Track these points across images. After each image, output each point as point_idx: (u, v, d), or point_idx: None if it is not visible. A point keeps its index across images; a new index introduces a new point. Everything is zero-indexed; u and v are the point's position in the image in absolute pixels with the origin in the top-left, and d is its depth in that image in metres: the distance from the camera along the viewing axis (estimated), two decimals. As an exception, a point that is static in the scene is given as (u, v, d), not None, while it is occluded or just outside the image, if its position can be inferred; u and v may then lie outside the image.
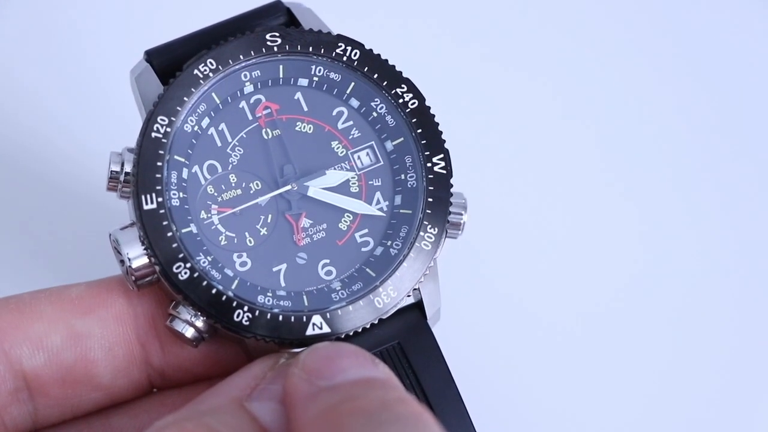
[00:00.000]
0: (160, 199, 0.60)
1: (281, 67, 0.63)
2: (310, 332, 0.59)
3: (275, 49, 0.62)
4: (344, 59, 0.63)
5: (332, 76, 0.63)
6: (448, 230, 0.62)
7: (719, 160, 0.86)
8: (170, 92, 0.61)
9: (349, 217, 0.62)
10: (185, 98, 0.61)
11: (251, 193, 0.62)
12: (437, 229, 0.61)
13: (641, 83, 0.88)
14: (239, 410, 0.55)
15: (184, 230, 0.60)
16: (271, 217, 0.62)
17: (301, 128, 0.63)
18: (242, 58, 0.62)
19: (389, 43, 0.66)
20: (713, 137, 0.87)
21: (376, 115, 0.63)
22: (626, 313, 0.82)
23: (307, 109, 0.63)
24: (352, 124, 0.63)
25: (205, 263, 0.60)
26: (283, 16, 0.65)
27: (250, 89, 0.63)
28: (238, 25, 0.64)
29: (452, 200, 0.62)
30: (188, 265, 0.59)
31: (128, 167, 0.60)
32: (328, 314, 0.59)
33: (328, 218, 0.62)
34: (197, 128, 0.62)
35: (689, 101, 0.88)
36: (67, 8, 0.86)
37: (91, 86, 0.85)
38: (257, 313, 0.59)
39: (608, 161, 0.86)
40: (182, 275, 0.59)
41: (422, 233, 0.61)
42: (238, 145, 0.62)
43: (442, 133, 0.62)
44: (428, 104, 0.63)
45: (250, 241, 0.61)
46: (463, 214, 0.62)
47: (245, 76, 0.62)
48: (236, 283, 0.60)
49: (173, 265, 0.59)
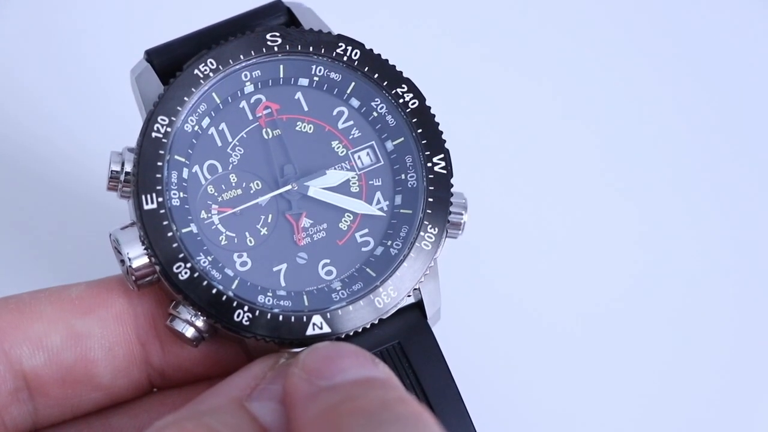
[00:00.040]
0: (160, 198, 0.60)
1: (281, 66, 0.63)
2: (310, 332, 0.59)
3: (275, 48, 0.62)
4: (345, 59, 0.63)
5: (333, 75, 0.63)
6: (448, 230, 0.62)
7: (719, 160, 0.86)
8: (170, 92, 0.61)
9: (349, 216, 0.62)
10: (185, 98, 0.61)
11: (251, 192, 0.62)
12: (437, 229, 0.61)
13: (641, 83, 0.88)
14: (239, 410, 0.55)
15: (184, 230, 0.60)
16: (271, 216, 0.62)
17: (301, 128, 0.63)
18: (242, 57, 0.62)
19: (389, 43, 0.66)
20: (713, 137, 0.87)
21: (376, 114, 0.63)
22: (626, 313, 0.82)
23: (307, 108, 0.63)
24: (352, 123, 0.63)
25: (205, 263, 0.60)
26: (283, 15, 0.65)
27: (250, 89, 0.63)
28: (238, 24, 0.63)
29: (452, 200, 0.62)
30: (188, 265, 0.59)
31: (128, 167, 0.60)
32: (328, 314, 0.59)
33: (328, 218, 0.62)
34: (197, 128, 0.62)
35: (689, 101, 0.88)
36: (67, 8, 0.86)
37: (91, 86, 0.85)
38: (257, 313, 0.59)
39: (608, 161, 0.86)
40: (182, 275, 0.59)
41: (422, 233, 0.61)
42: (238, 144, 0.62)
43: (442, 133, 0.62)
44: (428, 104, 0.63)
45: (250, 241, 0.61)
46: (463, 214, 0.62)
47: (245, 75, 0.62)
48: (236, 282, 0.60)
49: (173, 264, 0.59)
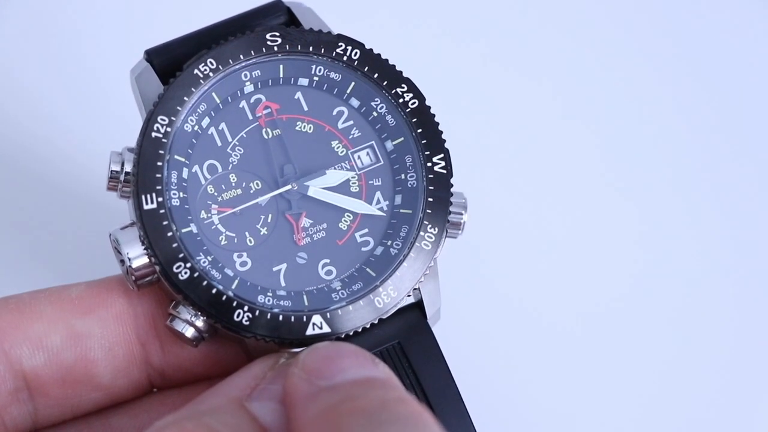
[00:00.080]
0: (160, 198, 0.59)
1: (281, 66, 0.63)
2: (310, 332, 0.59)
3: (275, 48, 0.62)
4: (344, 59, 0.63)
5: (332, 75, 0.63)
6: (448, 230, 0.62)
7: (719, 160, 0.86)
8: (170, 92, 0.61)
9: (349, 216, 0.62)
10: (185, 98, 0.61)
11: (251, 192, 0.62)
12: (437, 228, 0.61)
13: (641, 83, 0.88)
14: (239, 410, 0.55)
15: (184, 230, 0.60)
16: (271, 216, 0.62)
17: (301, 128, 0.63)
18: (242, 57, 0.62)
19: (389, 43, 0.66)
20: (713, 137, 0.87)
21: (376, 114, 0.63)
22: (626, 312, 0.82)
23: (307, 108, 0.63)
24: (352, 123, 0.63)
25: (205, 263, 0.60)
26: (283, 15, 0.65)
27: (250, 89, 0.63)
28: (238, 24, 0.63)
29: (452, 200, 0.62)
30: (188, 264, 0.59)
31: (128, 167, 0.60)
32: (328, 314, 0.59)
33: (328, 218, 0.62)
34: (197, 128, 0.62)
35: (689, 101, 0.87)
36: (67, 8, 0.86)
37: (91, 86, 0.85)
38: (257, 312, 0.59)
39: (608, 161, 0.86)
40: (182, 275, 0.59)
41: (422, 233, 0.61)
42: (238, 144, 0.62)
43: (442, 132, 0.62)
44: (428, 104, 0.63)
45: (250, 240, 0.61)
46: (463, 213, 0.62)
47: (245, 75, 0.62)
48: (236, 282, 0.60)
49: (173, 264, 0.59)
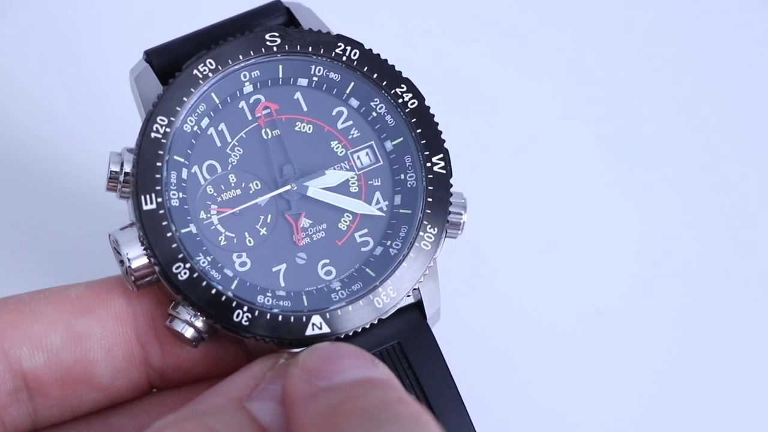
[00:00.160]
0: (159, 199, 0.59)
1: (281, 67, 0.63)
2: (309, 332, 0.59)
3: (275, 49, 0.62)
4: (344, 59, 0.63)
5: (332, 76, 0.63)
6: (447, 230, 0.62)
7: (719, 160, 0.86)
8: (169, 92, 0.61)
9: (348, 217, 0.62)
10: (184, 98, 0.61)
11: (251, 193, 0.62)
12: (437, 228, 0.61)
13: (641, 83, 0.88)
14: (239, 410, 0.55)
15: (183, 230, 0.60)
16: (270, 217, 0.62)
17: (300, 128, 0.63)
18: (242, 58, 0.62)
19: (389, 43, 0.66)
20: (713, 137, 0.87)
21: (375, 114, 0.63)
22: (626, 312, 0.82)
23: (306, 109, 0.63)
24: (351, 123, 0.63)
25: (204, 263, 0.60)
26: (282, 15, 0.65)
27: (249, 89, 0.63)
28: (237, 25, 0.63)
29: (452, 200, 0.62)
30: (188, 265, 0.59)
31: (128, 167, 0.60)
32: (327, 314, 0.59)
33: (327, 218, 0.62)
34: (197, 128, 0.62)
35: (689, 101, 0.87)
36: (67, 8, 0.86)
37: (91, 86, 0.85)
38: (257, 313, 0.59)
39: (608, 161, 0.86)
40: (182, 275, 0.59)
41: (422, 233, 0.61)
42: (237, 145, 0.62)
43: (441, 132, 0.62)
44: (428, 104, 0.63)
45: (249, 241, 0.61)
46: (462, 213, 0.62)
47: (245, 76, 0.62)
48: (236, 283, 0.60)
49: (173, 265, 0.59)
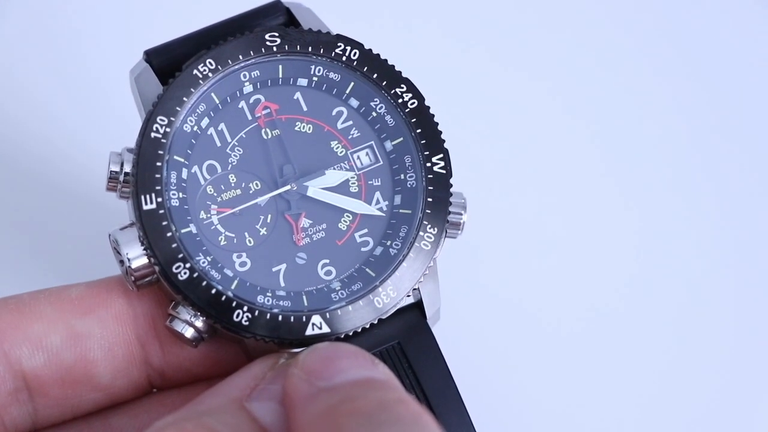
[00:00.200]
0: (159, 199, 0.59)
1: (280, 67, 0.63)
2: (309, 332, 0.59)
3: (274, 49, 0.62)
4: (344, 59, 0.63)
5: (332, 76, 0.63)
6: (447, 230, 0.62)
7: (719, 160, 0.86)
8: (169, 92, 0.61)
9: (348, 217, 0.62)
10: (184, 98, 0.61)
11: (251, 193, 0.62)
12: (437, 228, 0.61)
13: (641, 83, 0.88)
14: (239, 410, 0.55)
15: (183, 230, 0.60)
16: (270, 217, 0.62)
17: (300, 128, 0.63)
18: (241, 58, 0.62)
19: (389, 43, 0.66)
20: (713, 137, 0.87)
21: (375, 114, 0.63)
22: (626, 312, 0.82)
23: (306, 109, 0.63)
24: (351, 123, 0.63)
25: (204, 263, 0.60)
26: (282, 15, 0.65)
27: (249, 89, 0.63)
28: (237, 25, 0.63)
29: (452, 200, 0.62)
30: (188, 265, 0.59)
31: (128, 167, 0.60)
32: (327, 314, 0.59)
33: (327, 218, 0.62)
34: (196, 128, 0.62)
35: (689, 101, 0.87)
36: (67, 8, 0.86)
37: (91, 86, 0.85)
38: (257, 313, 0.59)
39: (608, 161, 0.86)
40: (182, 275, 0.59)
41: (422, 233, 0.61)
42: (237, 145, 0.62)
43: (441, 132, 0.62)
44: (428, 104, 0.63)
45: (249, 241, 0.61)
46: (462, 213, 0.62)
47: (244, 76, 0.62)
48: (236, 283, 0.60)
49: (173, 265, 0.59)
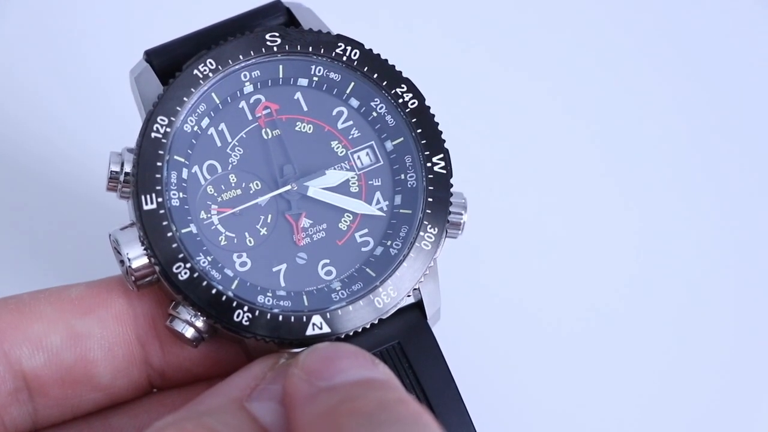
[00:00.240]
0: (159, 199, 0.59)
1: (281, 67, 0.63)
2: (310, 332, 0.59)
3: (275, 49, 0.62)
4: (344, 59, 0.63)
5: (332, 76, 0.63)
6: (448, 230, 0.62)
7: (719, 160, 0.86)
8: (170, 92, 0.61)
9: (349, 217, 0.62)
10: (185, 98, 0.61)
11: (251, 193, 0.62)
12: (437, 228, 0.61)
13: (641, 83, 0.88)
14: (239, 410, 0.55)
15: (183, 230, 0.60)
16: (270, 217, 0.62)
17: (300, 128, 0.63)
18: (242, 58, 0.62)
19: (389, 43, 0.66)
20: (713, 137, 0.87)
21: (375, 114, 0.63)
22: (626, 312, 0.82)
23: (306, 109, 0.63)
24: (351, 123, 0.63)
25: (204, 263, 0.60)
26: (282, 15, 0.65)
27: (249, 89, 0.63)
28: (237, 25, 0.63)
29: (452, 200, 0.62)
30: (188, 265, 0.59)
31: (128, 167, 0.60)
32: (328, 314, 0.59)
33: (327, 218, 0.62)
34: (197, 128, 0.62)
35: (689, 101, 0.87)
36: (67, 8, 0.86)
37: (91, 86, 0.85)
38: (257, 313, 0.59)
39: (608, 161, 0.86)
40: (182, 275, 0.59)
41: (422, 233, 0.61)
42: (237, 145, 0.62)
43: (441, 132, 0.62)
44: (428, 104, 0.63)
45: (249, 241, 0.61)
46: (463, 213, 0.62)
47: (245, 76, 0.62)
48: (236, 283, 0.60)
49: (173, 265, 0.59)
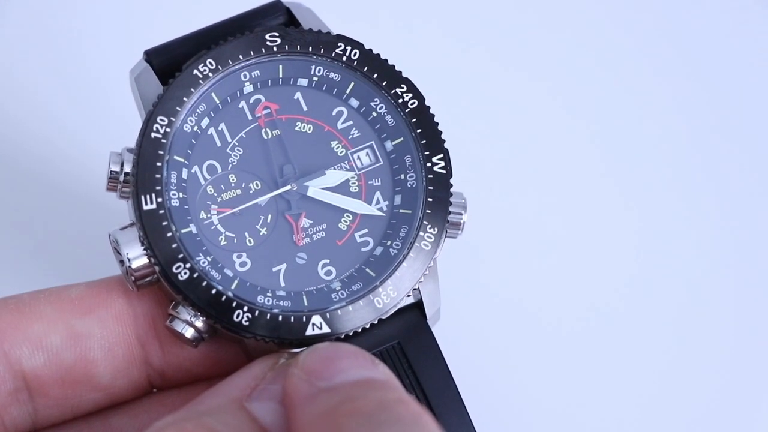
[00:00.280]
0: (159, 199, 0.59)
1: (281, 67, 0.63)
2: (309, 332, 0.59)
3: (275, 49, 0.62)
4: (344, 59, 0.63)
5: (332, 76, 0.63)
6: (447, 230, 0.62)
7: (719, 160, 0.86)
8: (170, 92, 0.61)
9: (348, 217, 0.62)
10: (185, 98, 0.61)
11: (251, 193, 0.62)
12: (437, 228, 0.61)
13: (641, 83, 0.88)
14: (239, 410, 0.55)
15: (183, 230, 0.60)
16: (270, 217, 0.62)
17: (300, 128, 0.63)
18: (242, 58, 0.62)
19: (389, 43, 0.66)
20: (713, 137, 0.87)
21: (375, 114, 0.63)
22: (626, 312, 0.82)
23: (306, 109, 0.63)
24: (351, 123, 0.63)
25: (204, 263, 0.60)
26: (282, 15, 0.65)
27: (249, 89, 0.63)
28: (237, 25, 0.63)
29: (452, 200, 0.62)
30: (188, 265, 0.59)
31: (128, 167, 0.60)
32: (327, 314, 0.59)
33: (327, 218, 0.62)
34: (197, 128, 0.62)
35: (689, 101, 0.87)
36: (67, 8, 0.86)
37: (91, 86, 0.85)
38: (257, 313, 0.59)
39: (608, 161, 0.86)
40: (182, 275, 0.59)
41: (422, 233, 0.61)
42: (237, 145, 0.62)
43: (441, 132, 0.62)
44: (428, 104, 0.63)
45: (249, 241, 0.61)
46: (462, 213, 0.62)
47: (245, 76, 0.62)
48: (236, 283, 0.60)
49: (173, 265, 0.59)
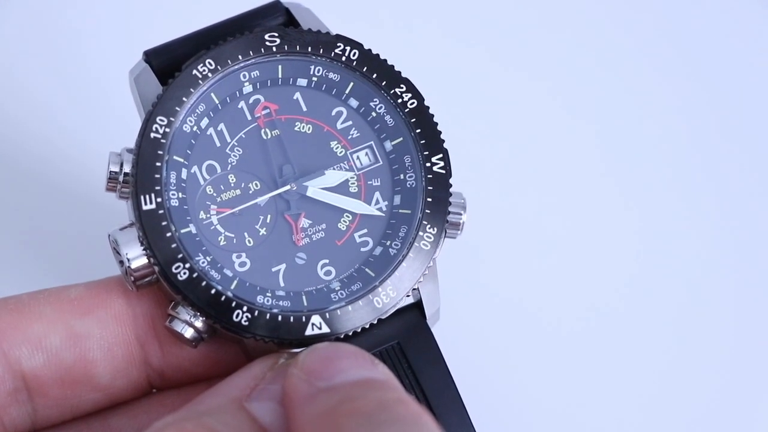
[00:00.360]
0: (159, 199, 0.59)
1: (280, 67, 0.63)
2: (309, 332, 0.59)
3: (274, 49, 0.62)
4: (343, 59, 0.63)
5: (331, 76, 0.63)
6: (447, 230, 0.62)
7: (719, 160, 0.86)
8: (169, 93, 0.61)
9: (348, 217, 0.62)
10: (184, 98, 0.61)
11: (250, 193, 0.62)
12: (436, 229, 0.61)
13: (641, 83, 0.88)
14: (239, 410, 0.55)
15: (183, 230, 0.60)
16: (270, 217, 0.62)
17: (300, 128, 0.63)
18: (241, 58, 0.62)
19: (388, 43, 0.66)
20: (713, 137, 0.87)
21: (375, 115, 0.63)
22: (626, 312, 0.82)
23: (306, 109, 0.63)
24: (351, 124, 0.63)
25: (204, 263, 0.60)
26: (282, 16, 0.65)
27: (249, 89, 0.63)
28: (237, 25, 0.63)
29: (451, 200, 0.62)
30: (187, 265, 0.59)
31: (127, 168, 0.60)
32: (327, 314, 0.59)
33: (327, 218, 0.62)
34: (196, 128, 0.62)
35: (689, 101, 0.87)
36: (66, 8, 0.86)
37: (91, 86, 0.85)
38: (256, 313, 0.59)
39: (608, 161, 0.86)
40: (181, 275, 0.59)
41: (421, 233, 0.61)
42: (237, 145, 0.62)
43: (441, 132, 0.62)
44: (427, 104, 0.63)
45: (249, 241, 0.61)
46: (462, 213, 0.62)
47: (244, 76, 0.62)
48: (235, 283, 0.60)
49: (172, 265, 0.59)
